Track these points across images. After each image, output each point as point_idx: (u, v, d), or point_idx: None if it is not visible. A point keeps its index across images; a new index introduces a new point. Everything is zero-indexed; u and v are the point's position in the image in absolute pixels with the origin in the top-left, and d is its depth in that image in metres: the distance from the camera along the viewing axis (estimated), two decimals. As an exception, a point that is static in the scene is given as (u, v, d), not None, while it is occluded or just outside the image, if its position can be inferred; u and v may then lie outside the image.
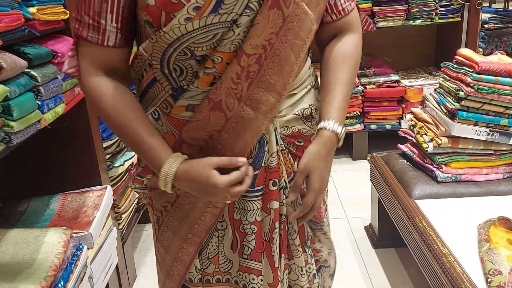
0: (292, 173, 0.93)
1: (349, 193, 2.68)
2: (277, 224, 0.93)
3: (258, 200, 0.91)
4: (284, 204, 0.94)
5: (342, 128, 0.90)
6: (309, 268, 0.99)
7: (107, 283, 1.71)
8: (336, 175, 2.88)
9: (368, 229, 2.29)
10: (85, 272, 1.46)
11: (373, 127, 3.02)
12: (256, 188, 0.90)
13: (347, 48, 0.93)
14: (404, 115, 2.98)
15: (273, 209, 0.92)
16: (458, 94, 1.73)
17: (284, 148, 0.93)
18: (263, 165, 0.90)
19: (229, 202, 0.90)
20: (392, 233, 2.12)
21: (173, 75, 0.85)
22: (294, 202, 0.95)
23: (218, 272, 0.99)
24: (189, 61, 0.83)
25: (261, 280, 0.94)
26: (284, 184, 0.93)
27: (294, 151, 0.94)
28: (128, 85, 0.89)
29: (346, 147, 3.15)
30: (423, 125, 1.92)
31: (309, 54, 0.95)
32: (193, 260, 0.97)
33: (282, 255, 0.95)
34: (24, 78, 1.20)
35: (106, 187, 1.71)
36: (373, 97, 2.94)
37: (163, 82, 0.86)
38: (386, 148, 2.15)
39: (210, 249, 0.97)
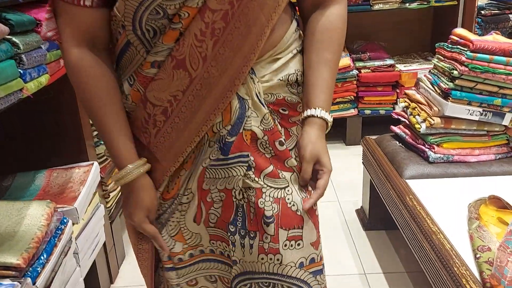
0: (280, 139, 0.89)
1: (342, 177, 2.66)
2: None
3: (238, 166, 0.88)
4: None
5: (330, 115, 0.90)
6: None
7: (94, 261, 1.69)
8: (329, 160, 2.85)
9: (359, 212, 2.27)
10: (70, 247, 1.43)
11: (367, 112, 3.00)
12: (229, 156, 0.86)
13: (332, 22, 0.89)
14: (398, 100, 2.95)
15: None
16: (452, 73, 1.71)
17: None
18: (241, 131, 0.85)
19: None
20: (383, 215, 2.11)
21: (147, 36, 0.81)
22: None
23: (188, 248, 0.95)
24: (161, 20, 0.79)
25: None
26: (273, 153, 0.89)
27: (278, 120, 0.90)
28: (109, 58, 0.87)
29: (339, 132, 3.12)
30: (416, 106, 1.90)
31: (295, 17, 0.91)
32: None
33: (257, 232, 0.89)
34: (5, 44, 1.17)
35: (92, 163, 1.68)
36: (368, 82, 2.91)
37: (137, 45, 0.83)
38: (380, 133, 2.13)
39: (170, 225, 0.93)
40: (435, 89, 1.84)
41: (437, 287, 1.32)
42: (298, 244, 0.88)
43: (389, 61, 2.92)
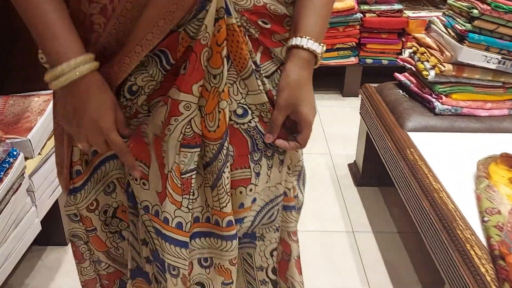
0: (249, 64, 0.68)
1: (335, 129, 2.47)
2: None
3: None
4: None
5: (322, 46, 0.70)
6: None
7: (57, 201, 1.51)
8: (323, 111, 2.66)
9: (352, 166, 2.11)
10: (21, 184, 1.25)
11: (369, 61, 2.77)
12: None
13: None
14: (403, 50, 2.73)
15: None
16: (471, 12, 1.48)
17: (240, 24, 0.67)
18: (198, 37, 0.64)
19: (81, 147, 0.71)
20: (377, 171, 1.95)
21: None
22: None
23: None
24: None
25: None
26: (253, 67, 0.68)
27: (256, 34, 0.69)
28: None
29: (337, 82, 2.91)
30: (426, 51, 1.69)
31: None
32: None
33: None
34: None
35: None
36: (372, 27, 2.66)
37: None
38: (381, 85, 1.95)
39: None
40: (448, 32, 1.62)
41: (436, 252, 1.16)
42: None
43: (397, 6, 2.66)
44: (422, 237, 1.26)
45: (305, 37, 0.69)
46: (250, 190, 0.75)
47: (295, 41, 0.69)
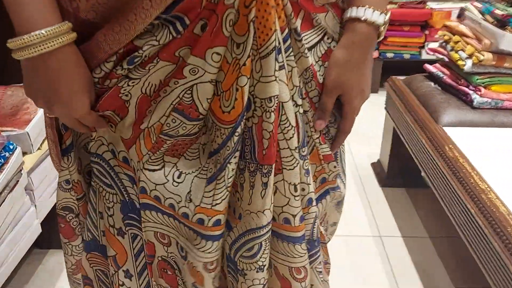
0: (274, 38, 0.53)
1: (355, 127, 2.30)
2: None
3: None
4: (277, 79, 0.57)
5: (385, 14, 0.59)
6: (303, 189, 0.63)
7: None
8: (342, 108, 2.53)
9: (376, 166, 1.97)
10: (18, 181, 1.13)
11: (390, 55, 2.63)
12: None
13: None
14: (426, 43, 2.58)
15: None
16: (515, -5, 1.34)
17: None
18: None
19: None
20: (404, 170, 1.81)
21: None
22: None
23: None
24: None
25: None
26: (277, 44, 0.54)
27: None
28: None
29: (355, 78, 2.76)
30: (460, 39, 1.55)
31: None
32: None
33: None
34: None
35: (57, 82, 1.35)
36: (394, 19, 2.52)
37: None
38: (403, 80, 1.82)
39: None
40: (486, 19, 1.48)
41: (484, 259, 1.02)
42: None
43: (421, -3, 2.53)
44: (465, 242, 1.12)
45: (364, 7, 0.58)
46: (237, 200, 0.61)
47: (351, 12, 0.59)
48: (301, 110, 0.59)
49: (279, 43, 0.54)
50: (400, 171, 1.82)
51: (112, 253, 0.67)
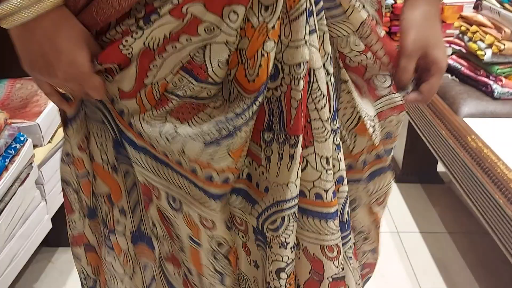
0: None
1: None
2: None
3: None
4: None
5: None
6: (334, 166, 0.59)
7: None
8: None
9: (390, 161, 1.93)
10: (29, 174, 1.10)
11: (400, 51, 2.59)
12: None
13: None
14: (437, 39, 2.54)
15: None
16: (538, -19, 1.31)
17: None
18: None
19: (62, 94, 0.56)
20: (419, 166, 1.78)
21: None
22: None
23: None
24: None
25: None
26: (307, 5, 0.50)
27: None
28: None
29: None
30: (478, 29, 1.51)
31: None
32: None
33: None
34: None
35: (67, 74, 1.32)
36: (404, 15, 2.49)
37: None
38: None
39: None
40: (505, 7, 1.44)
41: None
42: None
43: (431, -8, 2.49)
44: (494, 237, 1.08)
45: None
46: (262, 173, 0.58)
47: None
48: (333, 80, 0.55)
49: (310, 5, 0.50)
50: (415, 167, 1.79)
51: (106, 190, 0.63)
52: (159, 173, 0.58)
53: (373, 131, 0.61)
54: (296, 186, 0.56)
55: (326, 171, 0.56)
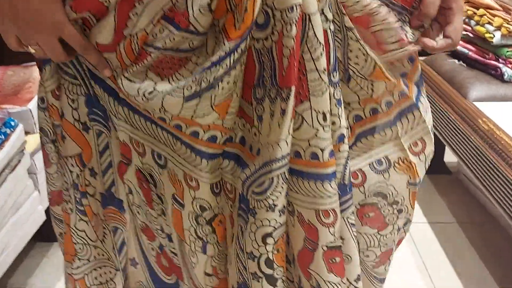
0: None
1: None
2: None
3: None
4: None
5: None
6: (334, 123, 0.55)
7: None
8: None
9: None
10: (20, 161, 1.05)
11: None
12: None
13: None
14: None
15: None
16: (548, -42, 1.26)
17: None
18: None
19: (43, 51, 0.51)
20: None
21: None
22: None
23: None
24: None
25: None
26: None
27: None
28: None
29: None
30: (485, 12, 1.46)
31: None
32: None
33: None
34: None
35: (60, 59, 1.27)
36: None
37: None
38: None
39: None
40: (513, -11, 1.40)
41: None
42: None
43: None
44: (510, 222, 1.03)
45: None
46: (255, 134, 0.54)
47: None
48: (332, 27, 0.50)
49: None
50: (421, 157, 1.74)
51: (77, 150, 0.59)
52: (144, 128, 0.55)
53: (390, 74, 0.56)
54: (287, 143, 0.52)
55: (323, 128, 0.51)
